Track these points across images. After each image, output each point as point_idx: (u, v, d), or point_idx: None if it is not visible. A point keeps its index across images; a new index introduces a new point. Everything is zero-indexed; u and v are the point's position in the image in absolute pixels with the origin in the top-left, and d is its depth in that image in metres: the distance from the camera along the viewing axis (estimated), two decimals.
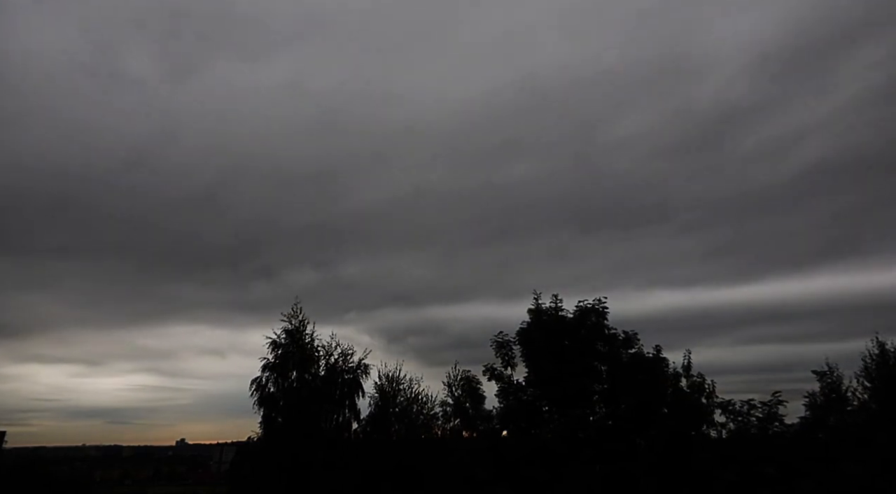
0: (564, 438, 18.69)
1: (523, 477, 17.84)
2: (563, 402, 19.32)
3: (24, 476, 39.38)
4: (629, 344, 20.12)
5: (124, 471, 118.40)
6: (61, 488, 42.70)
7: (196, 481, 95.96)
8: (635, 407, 18.82)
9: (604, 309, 20.40)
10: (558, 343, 19.86)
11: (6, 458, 49.73)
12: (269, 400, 22.34)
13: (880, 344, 23.31)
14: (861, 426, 20.16)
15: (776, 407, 18.25)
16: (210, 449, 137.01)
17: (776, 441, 18.13)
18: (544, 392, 19.71)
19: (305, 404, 21.81)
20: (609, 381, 19.65)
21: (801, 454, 17.84)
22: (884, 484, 15.87)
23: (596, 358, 19.93)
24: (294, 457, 20.73)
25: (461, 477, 18.78)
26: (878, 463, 16.30)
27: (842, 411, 21.67)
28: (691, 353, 20.41)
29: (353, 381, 23.08)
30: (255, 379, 22.65)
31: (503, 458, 18.77)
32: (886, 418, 19.90)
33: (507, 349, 20.78)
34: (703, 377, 20.13)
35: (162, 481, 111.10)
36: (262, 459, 21.79)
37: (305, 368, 22.71)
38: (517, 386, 20.46)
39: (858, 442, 17.97)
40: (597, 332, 20.19)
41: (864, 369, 23.18)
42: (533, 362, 20.14)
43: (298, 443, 20.93)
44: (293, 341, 22.99)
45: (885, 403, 21.37)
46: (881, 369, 22.84)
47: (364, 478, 19.94)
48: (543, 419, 19.90)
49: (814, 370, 22.29)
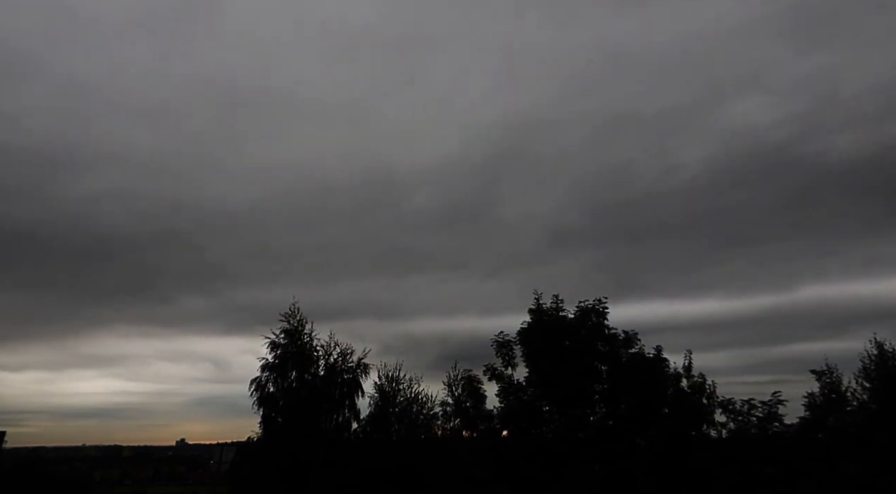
0: (564, 438, 18.71)
1: (524, 477, 17.85)
2: (563, 402, 19.33)
3: (24, 476, 39.40)
4: (629, 344, 20.15)
5: (124, 471, 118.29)
6: (61, 488, 42.73)
7: (196, 481, 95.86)
8: (635, 407, 18.83)
9: (604, 309, 20.42)
10: (559, 343, 19.87)
11: (6, 458, 49.74)
12: (269, 400, 22.31)
13: (879, 345, 23.30)
14: (860, 426, 20.17)
15: (776, 407, 18.31)
16: (210, 449, 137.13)
17: (776, 441, 18.16)
18: (545, 392, 19.72)
19: (305, 404, 21.77)
20: (609, 381, 19.67)
21: (801, 454, 17.87)
22: (884, 484, 15.90)
23: (596, 358, 19.95)
24: (294, 457, 20.70)
25: (461, 477, 18.78)
26: (877, 463, 16.33)
27: (841, 411, 21.66)
28: (692, 353, 20.44)
29: (353, 381, 23.04)
30: (254, 379, 22.61)
31: (503, 458, 18.79)
32: (886, 418, 19.89)
33: (507, 349, 20.79)
34: (703, 377, 20.15)
35: (162, 481, 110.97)
36: (262, 459, 21.77)
37: (305, 368, 22.67)
38: (518, 386, 20.46)
39: (858, 442, 18.00)
40: (597, 332, 20.22)
41: (863, 369, 23.17)
42: (533, 362, 20.15)
43: (298, 443, 20.90)
44: (292, 341, 22.95)
45: (885, 403, 21.36)
46: (880, 369, 22.83)
47: (364, 478, 19.91)
48: (544, 419, 19.91)
49: (813, 370, 22.27)
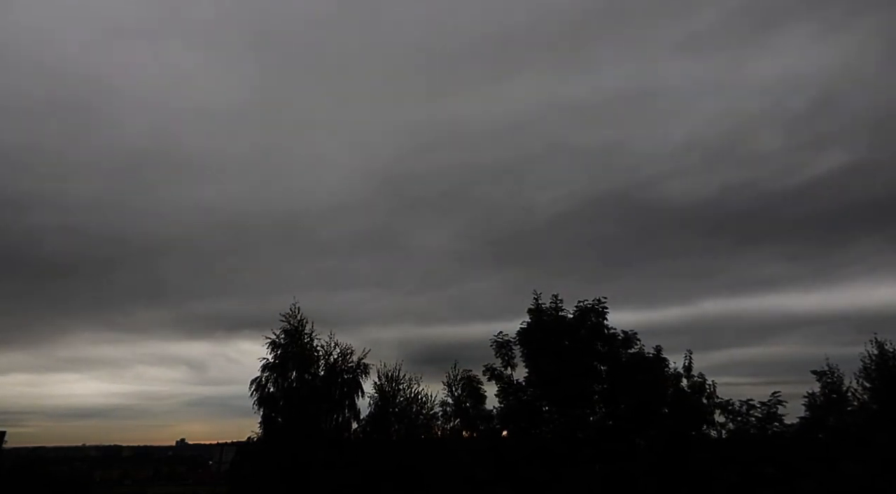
0: (564, 438, 18.70)
1: (523, 477, 17.84)
2: (562, 402, 19.31)
3: (25, 476, 39.39)
4: (629, 343, 20.13)
5: (124, 471, 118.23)
6: (61, 488, 42.71)
7: (196, 481, 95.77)
8: (635, 407, 18.82)
9: (604, 309, 20.40)
10: (558, 343, 19.86)
11: (6, 458, 49.73)
12: (269, 400, 22.31)
13: (879, 345, 23.27)
14: (861, 426, 20.14)
15: (776, 407, 18.28)
16: (210, 449, 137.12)
17: (776, 441, 18.14)
18: (544, 392, 19.71)
19: (305, 404, 21.77)
20: (609, 381, 19.65)
21: (801, 454, 17.85)
22: (884, 484, 15.88)
23: (596, 358, 19.94)
24: (294, 457, 20.70)
25: (461, 477, 18.77)
26: (877, 463, 16.31)
27: (842, 411, 21.62)
28: (692, 353, 20.42)
29: (353, 381, 23.05)
30: (254, 379, 22.61)
31: (503, 458, 18.77)
32: (886, 418, 19.88)
33: (507, 349, 20.77)
34: (703, 377, 20.14)
35: (162, 481, 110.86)
36: (262, 459, 21.78)
37: (305, 368, 22.67)
38: (517, 386, 20.45)
39: (858, 442, 17.98)
40: (597, 332, 20.20)
41: (864, 369, 23.14)
42: (533, 362, 20.14)
43: (298, 443, 20.90)
44: (292, 341, 22.96)
45: (886, 403, 21.33)
46: (881, 369, 22.80)
47: (364, 478, 19.91)
48: (543, 419, 19.90)
49: (813, 370, 22.24)
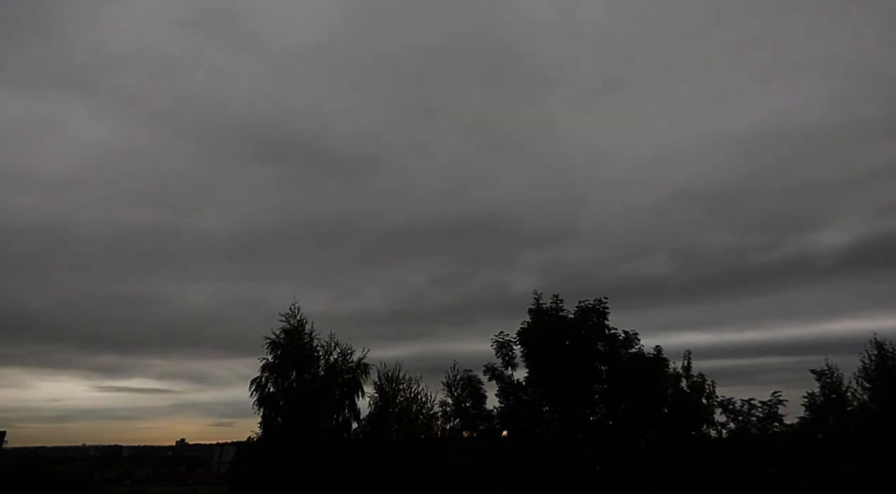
0: (564, 438, 18.71)
1: (523, 477, 17.85)
2: (563, 402, 19.31)
3: (25, 476, 39.34)
4: (629, 343, 20.13)
5: (124, 471, 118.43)
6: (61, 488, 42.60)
7: (196, 481, 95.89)
8: (635, 407, 18.83)
9: (604, 309, 20.40)
10: (559, 343, 19.86)
11: (6, 458, 49.72)
12: (269, 400, 22.28)
13: (879, 345, 23.25)
14: (860, 426, 20.12)
15: (776, 407, 18.30)
16: (210, 449, 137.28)
17: (776, 441, 18.16)
18: (544, 392, 19.71)
19: (305, 404, 21.75)
20: (609, 381, 19.66)
21: (801, 454, 17.86)
22: (882, 484, 15.88)
23: (596, 358, 19.93)
24: (294, 457, 20.69)
25: (461, 477, 18.76)
26: (876, 463, 16.32)
27: (841, 411, 21.60)
28: (691, 354, 20.45)
29: (353, 381, 23.01)
30: (254, 379, 22.58)
31: (503, 458, 18.77)
32: (886, 419, 19.86)
33: (507, 349, 20.77)
34: (703, 377, 20.15)
35: (162, 481, 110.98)
36: (262, 459, 21.75)
37: (305, 368, 22.65)
38: (517, 386, 20.45)
39: (857, 443, 17.99)
40: (597, 332, 20.20)
41: (863, 369, 23.12)
42: (533, 362, 20.14)
43: (298, 443, 20.89)
44: (292, 341, 22.93)
45: (885, 403, 21.31)
46: (880, 369, 22.77)
47: (364, 478, 19.91)
48: (543, 419, 19.90)
49: (813, 370, 22.22)
